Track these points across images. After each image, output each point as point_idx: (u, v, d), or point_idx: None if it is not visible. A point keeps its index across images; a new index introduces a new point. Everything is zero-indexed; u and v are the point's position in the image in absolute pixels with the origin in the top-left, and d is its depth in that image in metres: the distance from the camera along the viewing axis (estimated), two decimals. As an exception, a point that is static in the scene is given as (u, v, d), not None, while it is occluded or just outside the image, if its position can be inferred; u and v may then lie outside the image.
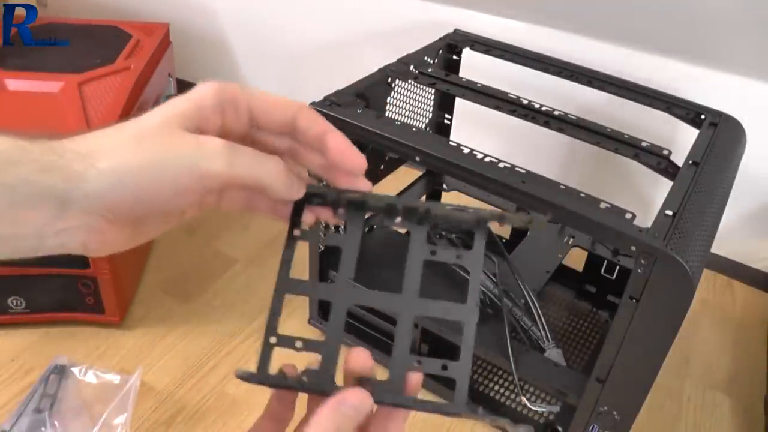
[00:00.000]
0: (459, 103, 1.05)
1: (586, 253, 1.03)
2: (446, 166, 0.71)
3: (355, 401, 0.34)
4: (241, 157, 0.33)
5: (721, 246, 1.17)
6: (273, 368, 0.38)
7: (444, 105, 1.08)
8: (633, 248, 0.62)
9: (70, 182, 0.30)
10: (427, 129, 1.07)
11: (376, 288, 0.41)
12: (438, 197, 1.20)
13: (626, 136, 0.81)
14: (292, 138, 0.37)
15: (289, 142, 0.37)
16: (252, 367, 0.39)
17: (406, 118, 0.99)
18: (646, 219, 0.66)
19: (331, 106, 0.79)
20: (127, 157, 0.31)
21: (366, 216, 0.39)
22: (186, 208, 0.36)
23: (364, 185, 0.38)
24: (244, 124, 0.36)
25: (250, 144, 0.36)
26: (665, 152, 0.79)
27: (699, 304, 1.14)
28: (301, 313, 1.03)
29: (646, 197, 1.22)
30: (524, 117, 0.84)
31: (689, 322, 0.67)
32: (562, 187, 0.68)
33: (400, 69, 0.91)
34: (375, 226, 1.02)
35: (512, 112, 0.85)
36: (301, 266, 1.11)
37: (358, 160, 0.36)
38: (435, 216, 0.39)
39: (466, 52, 1.04)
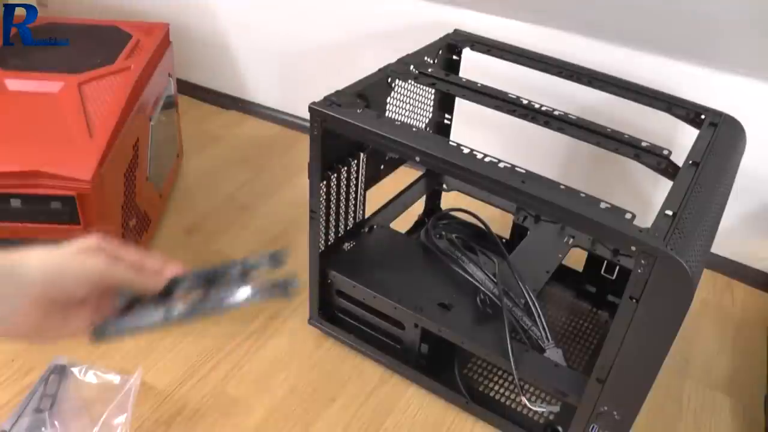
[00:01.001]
0: (459, 103, 1.05)
1: (586, 253, 1.03)
2: (446, 166, 0.72)
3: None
4: (115, 266, 0.49)
5: (721, 246, 1.17)
6: None
7: (444, 105, 1.08)
8: (633, 248, 0.62)
9: (12, 263, 0.44)
10: (427, 129, 1.07)
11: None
12: (438, 197, 1.20)
13: (626, 136, 0.81)
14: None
15: None
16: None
17: (406, 118, 0.99)
18: (646, 219, 0.66)
19: (331, 106, 0.79)
20: (50, 260, 0.46)
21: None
22: (81, 303, 0.48)
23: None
24: None
25: None
26: (665, 152, 0.79)
27: (699, 304, 1.14)
28: (301, 312, 1.03)
29: (646, 197, 1.22)
30: (524, 117, 0.84)
31: (689, 322, 0.67)
32: (562, 187, 0.68)
33: (400, 69, 0.91)
34: (375, 226, 1.02)
35: (512, 112, 0.85)
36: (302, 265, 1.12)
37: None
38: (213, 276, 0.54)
39: (466, 52, 1.04)
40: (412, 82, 0.94)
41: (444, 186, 1.15)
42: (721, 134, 0.84)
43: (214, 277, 0.54)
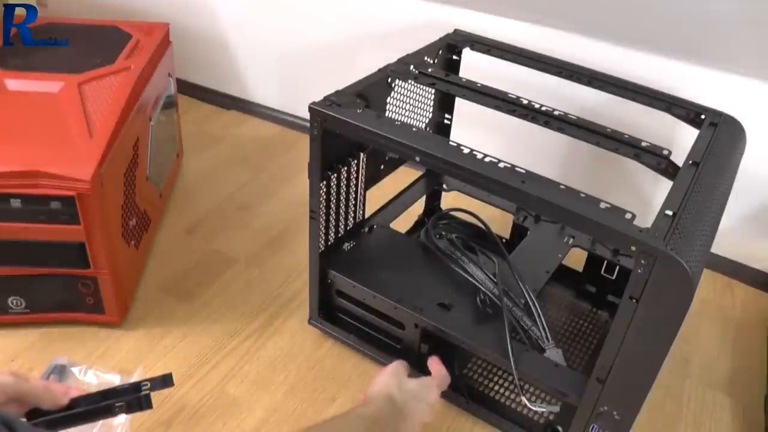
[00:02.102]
0: (459, 103, 1.05)
1: (586, 253, 1.03)
2: (446, 166, 0.72)
3: None
4: (24, 384, 0.58)
5: (721, 246, 1.17)
6: None
7: (444, 105, 1.08)
8: (633, 248, 0.62)
9: None
10: (427, 129, 1.07)
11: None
12: (438, 197, 1.20)
13: (626, 136, 0.81)
14: None
15: None
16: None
17: (406, 118, 0.99)
18: (646, 219, 0.66)
19: (332, 106, 0.79)
20: None
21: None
22: None
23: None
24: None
25: None
26: (665, 152, 0.79)
27: (699, 304, 1.14)
28: (301, 312, 1.03)
29: (646, 197, 1.22)
30: (524, 117, 0.84)
31: (689, 322, 0.67)
32: (562, 187, 0.68)
33: (400, 69, 0.91)
34: (375, 226, 1.02)
35: (512, 112, 0.85)
36: (302, 265, 1.12)
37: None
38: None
39: (466, 52, 1.04)
40: (412, 82, 0.94)
41: (444, 186, 1.15)
42: (721, 134, 0.84)
43: (109, 396, 0.61)
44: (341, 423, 0.67)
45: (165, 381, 0.63)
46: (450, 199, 1.17)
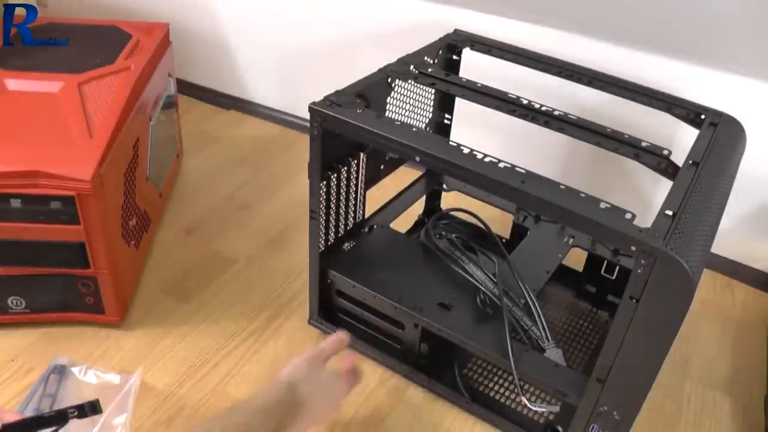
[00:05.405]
0: (459, 103, 1.05)
1: (586, 253, 1.03)
2: (446, 166, 0.72)
3: None
4: None
5: (721, 246, 1.17)
6: None
7: (444, 105, 1.08)
8: (633, 248, 0.62)
9: None
10: (427, 129, 1.07)
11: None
12: (438, 197, 1.20)
13: (626, 136, 0.81)
14: None
15: None
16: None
17: (406, 118, 0.99)
18: (646, 219, 0.66)
19: (332, 106, 0.79)
20: None
21: None
22: None
23: None
24: None
25: None
26: (665, 152, 0.79)
27: (699, 304, 1.14)
28: (301, 312, 1.03)
29: (646, 197, 1.22)
30: (524, 117, 0.84)
31: (689, 322, 0.67)
32: (562, 187, 0.68)
33: (400, 69, 0.91)
34: (375, 226, 1.02)
35: (512, 112, 0.85)
36: (302, 265, 1.12)
37: None
38: None
39: (466, 52, 1.04)
40: (412, 82, 0.94)
41: (444, 186, 1.15)
42: (721, 134, 0.84)
43: (39, 422, 0.63)
44: (238, 420, 0.64)
45: (93, 408, 0.64)
46: (450, 199, 1.17)
